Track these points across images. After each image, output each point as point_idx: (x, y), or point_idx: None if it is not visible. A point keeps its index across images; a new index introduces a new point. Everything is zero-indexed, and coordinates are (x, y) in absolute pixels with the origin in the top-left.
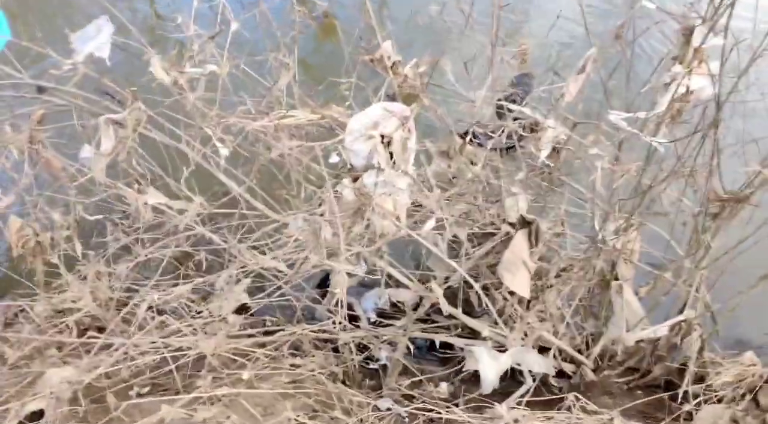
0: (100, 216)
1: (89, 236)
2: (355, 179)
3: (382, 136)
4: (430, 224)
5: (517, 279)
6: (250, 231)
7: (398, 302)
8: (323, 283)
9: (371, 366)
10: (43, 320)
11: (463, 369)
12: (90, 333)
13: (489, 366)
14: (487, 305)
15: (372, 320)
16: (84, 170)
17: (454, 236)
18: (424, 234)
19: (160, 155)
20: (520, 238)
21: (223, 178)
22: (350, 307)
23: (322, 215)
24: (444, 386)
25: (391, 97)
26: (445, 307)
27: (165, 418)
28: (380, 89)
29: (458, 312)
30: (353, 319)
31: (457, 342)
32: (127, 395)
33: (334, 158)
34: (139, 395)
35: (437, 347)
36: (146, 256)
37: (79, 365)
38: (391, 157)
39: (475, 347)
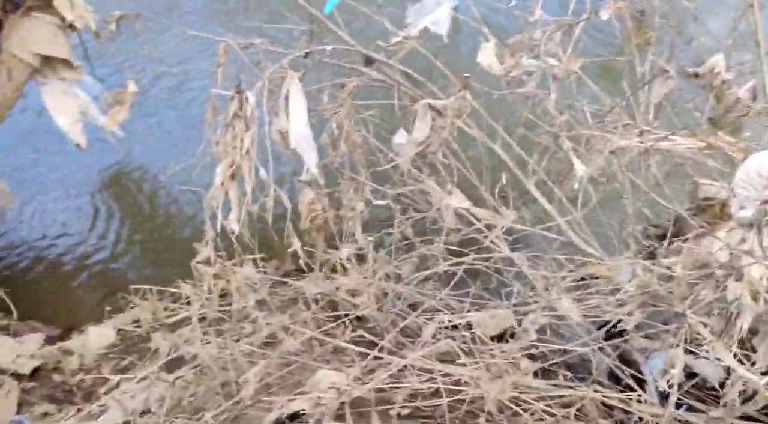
0: (394, 205)
1: (377, 227)
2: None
3: None
4: None
5: None
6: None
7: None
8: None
9: None
10: (318, 309)
11: None
12: (359, 332)
13: None
14: None
15: (661, 390)
16: (389, 155)
17: None
18: None
19: (475, 155)
20: None
21: (537, 195)
22: (633, 364)
23: (668, 267)
24: None
25: (712, 122)
26: None
27: None
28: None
29: None
30: (637, 381)
31: None
32: (386, 413)
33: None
34: (399, 417)
35: None
36: (445, 269)
37: (350, 373)
38: None
39: None
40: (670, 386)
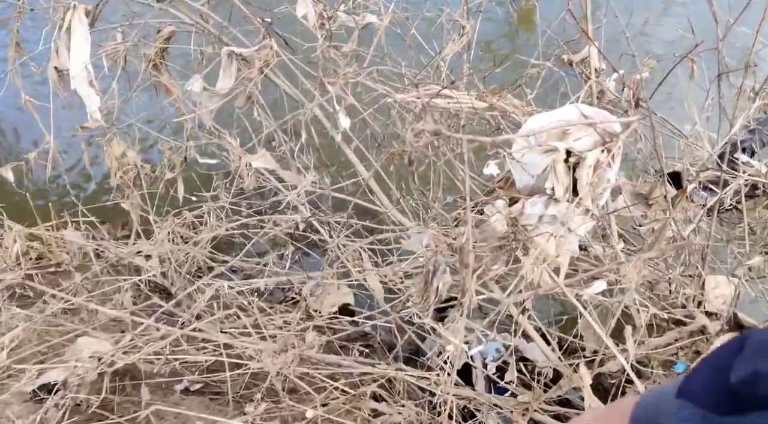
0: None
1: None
2: (513, 202)
3: (569, 153)
4: (599, 286)
5: None
6: (363, 231)
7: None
8: (444, 309)
9: None
10: (107, 269)
11: None
12: (154, 300)
13: None
14: None
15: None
16: (192, 106)
17: (626, 308)
18: (586, 297)
19: (282, 111)
20: None
21: (350, 155)
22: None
23: (455, 238)
24: None
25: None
26: (590, 400)
27: None
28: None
29: None
30: (465, 366)
31: None
32: (171, 386)
33: (491, 168)
34: (185, 392)
35: None
36: (227, 230)
37: (118, 341)
38: (574, 185)
39: None
40: (499, 374)
